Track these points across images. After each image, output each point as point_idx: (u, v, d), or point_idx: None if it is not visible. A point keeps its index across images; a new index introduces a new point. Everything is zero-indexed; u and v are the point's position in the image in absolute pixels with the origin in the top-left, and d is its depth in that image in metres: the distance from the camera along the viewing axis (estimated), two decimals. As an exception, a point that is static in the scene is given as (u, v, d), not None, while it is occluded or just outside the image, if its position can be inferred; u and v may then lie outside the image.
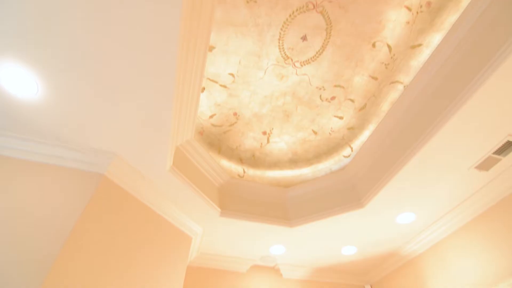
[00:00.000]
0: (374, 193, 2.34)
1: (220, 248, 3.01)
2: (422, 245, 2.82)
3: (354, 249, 3.02)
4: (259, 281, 3.16)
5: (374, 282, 3.45)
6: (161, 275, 2.07)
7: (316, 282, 3.37)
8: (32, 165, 1.82)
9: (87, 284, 1.58)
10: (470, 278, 2.32)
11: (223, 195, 2.73)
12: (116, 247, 1.82)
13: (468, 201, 2.38)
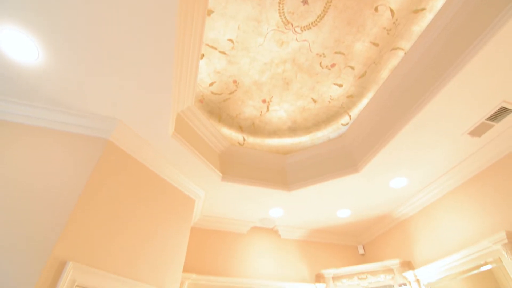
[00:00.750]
0: (369, 159, 2.44)
1: (222, 211, 3.18)
2: (413, 208, 2.99)
3: (348, 212, 3.19)
4: (259, 241, 3.38)
5: (366, 242, 3.68)
6: (168, 235, 2.23)
7: (312, 242, 3.60)
8: (38, 131, 1.88)
9: (99, 241, 1.72)
10: (455, 237, 2.50)
11: (224, 161, 2.83)
12: (124, 208, 1.95)
13: (459, 166, 2.49)
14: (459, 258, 2.35)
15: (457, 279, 2.40)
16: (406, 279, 2.78)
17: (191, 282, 2.71)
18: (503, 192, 2.18)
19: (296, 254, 3.41)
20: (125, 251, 1.84)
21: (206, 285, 2.77)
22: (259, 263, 3.19)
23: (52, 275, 1.41)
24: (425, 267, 2.63)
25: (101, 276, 1.61)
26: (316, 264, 3.38)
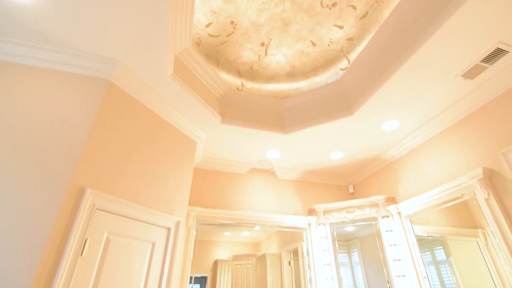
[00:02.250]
0: (363, 102, 2.52)
1: (222, 153, 3.38)
2: (401, 151, 3.18)
3: (341, 154, 3.40)
4: (257, 180, 3.66)
5: (356, 183, 3.98)
6: (173, 172, 2.43)
7: (306, 182, 3.89)
8: (40, 72, 1.93)
9: (112, 173, 1.90)
10: (437, 175, 2.72)
11: (223, 105, 2.91)
12: (131, 145, 2.10)
13: (448, 110, 2.59)
14: (437, 193, 2.60)
15: (433, 211, 2.68)
16: (389, 211, 3.10)
17: (196, 214, 3.02)
18: (485, 133, 2.32)
19: (291, 192, 3.72)
20: (136, 182, 2.04)
21: (210, 217, 3.10)
22: (257, 199, 3.50)
23: (73, 200, 1.61)
24: (407, 201, 2.92)
25: (117, 202, 1.83)
26: (309, 201, 3.72)
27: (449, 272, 2.46)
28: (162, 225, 2.15)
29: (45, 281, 1.40)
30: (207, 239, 3.13)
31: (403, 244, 2.91)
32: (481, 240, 2.24)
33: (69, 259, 1.49)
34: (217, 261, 3.10)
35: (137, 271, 1.88)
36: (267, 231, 3.44)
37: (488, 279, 2.15)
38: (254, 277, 3.15)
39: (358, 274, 3.12)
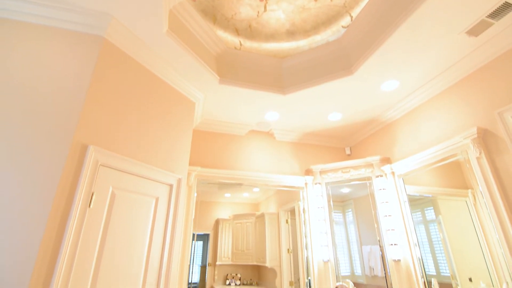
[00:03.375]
0: (363, 60, 2.48)
1: (221, 114, 3.39)
2: (399, 112, 3.19)
3: (339, 116, 3.42)
4: (256, 142, 3.73)
5: (353, 145, 4.05)
6: (172, 131, 2.46)
7: (304, 144, 3.96)
8: (34, 28, 1.87)
9: (112, 131, 1.93)
10: (433, 135, 2.77)
11: (220, 64, 2.86)
12: (130, 103, 2.11)
13: (449, 69, 2.55)
14: (431, 152, 2.67)
15: (426, 170, 2.78)
16: (383, 171, 3.21)
17: (197, 173, 3.13)
18: (483, 93, 2.32)
19: (289, 154, 3.81)
20: (136, 141, 2.09)
21: (210, 176, 3.21)
22: (256, 160, 3.60)
23: (77, 156, 1.67)
24: (401, 161, 3.01)
25: (119, 158, 1.90)
26: (306, 162, 3.82)
27: (437, 230, 2.62)
28: (164, 181, 2.25)
29: (56, 231, 1.50)
30: (208, 200, 3.27)
31: (394, 201, 3.06)
32: (470, 200, 2.34)
33: (78, 210, 1.58)
34: (218, 220, 3.27)
35: (143, 224, 2.01)
36: (266, 192, 3.58)
37: (473, 236, 2.30)
38: (253, 234, 3.35)
39: (351, 232, 3.32)
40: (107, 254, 1.72)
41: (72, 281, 1.51)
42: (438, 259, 2.59)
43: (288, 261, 3.33)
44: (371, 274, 3.01)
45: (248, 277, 3.19)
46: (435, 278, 2.58)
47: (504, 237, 2.03)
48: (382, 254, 2.95)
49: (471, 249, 2.30)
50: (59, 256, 1.47)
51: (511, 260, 1.97)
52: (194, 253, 2.92)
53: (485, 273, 2.19)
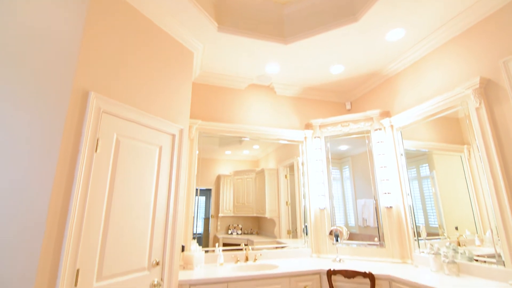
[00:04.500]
0: (369, 6, 2.35)
1: (220, 66, 3.30)
2: (403, 64, 3.12)
3: (342, 68, 3.34)
4: (256, 96, 3.69)
5: (354, 99, 4.03)
6: (171, 82, 2.42)
7: (305, 99, 3.94)
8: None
9: (112, 78, 1.91)
10: (435, 87, 2.74)
11: (219, 12, 2.70)
12: (126, 55, 2.05)
13: (457, 17, 2.44)
14: (432, 104, 2.67)
15: (425, 122, 2.80)
16: (382, 125, 3.24)
17: (198, 126, 3.15)
18: (489, 43, 2.25)
19: (289, 108, 3.80)
20: (136, 89, 2.07)
21: (211, 129, 3.24)
22: (256, 114, 3.60)
23: (79, 102, 1.66)
24: (400, 114, 3.02)
25: (121, 106, 1.90)
26: (306, 117, 3.83)
27: (430, 185, 2.72)
28: (167, 131, 2.28)
29: (66, 175, 1.56)
30: (210, 157, 3.34)
31: (391, 153, 3.15)
32: (464, 155, 2.40)
33: (85, 155, 1.63)
34: (219, 176, 3.37)
35: (149, 171, 2.09)
36: (266, 149, 3.65)
37: (464, 190, 2.40)
38: (253, 189, 3.48)
39: (347, 187, 3.45)
40: (116, 202, 1.81)
41: (85, 225, 1.61)
42: (428, 212, 2.74)
43: (286, 213, 3.52)
44: (364, 225, 3.20)
45: (248, 227, 3.39)
46: (423, 226, 2.76)
47: (494, 188, 2.12)
48: (375, 203, 3.12)
49: (460, 202, 2.43)
50: (71, 200, 1.54)
51: (498, 209, 2.08)
52: (198, 208, 3.08)
53: (471, 223, 2.33)
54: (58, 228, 1.48)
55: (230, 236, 3.19)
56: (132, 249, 1.88)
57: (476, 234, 2.29)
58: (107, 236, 1.72)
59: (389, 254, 2.91)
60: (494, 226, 2.12)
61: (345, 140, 3.52)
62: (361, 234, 3.18)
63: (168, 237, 2.16)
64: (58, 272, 1.44)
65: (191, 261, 2.59)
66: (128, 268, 1.84)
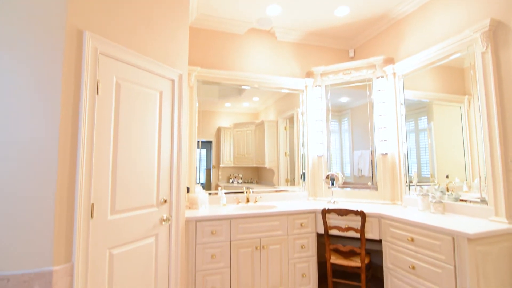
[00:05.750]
0: None
1: (218, 8, 3.11)
2: (412, 6, 2.94)
3: (347, 10, 3.15)
4: (256, 42, 3.55)
5: (358, 46, 3.88)
6: (168, 27, 2.31)
7: (306, 45, 3.79)
8: None
9: (106, 17, 1.82)
10: (443, 30, 2.63)
11: None
12: None
13: None
14: (437, 49, 2.59)
15: (428, 69, 2.75)
16: (385, 72, 3.19)
17: (197, 74, 3.09)
18: (510, -25, 2.10)
19: (290, 55, 3.69)
20: (132, 31, 1.99)
21: (210, 77, 3.19)
22: (256, 60, 3.50)
23: (75, 42, 1.61)
24: (404, 60, 2.95)
25: (117, 48, 1.84)
26: (308, 64, 3.73)
27: (426, 137, 2.79)
28: (166, 76, 2.25)
29: (71, 118, 1.58)
30: (209, 110, 3.34)
31: (391, 102, 3.15)
32: (464, 106, 2.41)
33: (87, 97, 1.64)
34: (220, 128, 3.41)
35: (151, 115, 2.11)
36: (265, 101, 3.63)
37: (459, 140, 2.46)
38: (253, 141, 3.55)
39: (345, 140, 3.52)
40: (121, 144, 1.87)
41: (95, 165, 1.69)
42: (421, 162, 2.86)
43: (285, 163, 3.65)
44: (359, 175, 3.35)
45: (248, 176, 3.54)
46: (415, 173, 2.90)
47: (489, 137, 2.16)
48: (371, 152, 3.22)
49: (454, 153, 2.51)
50: (79, 141, 1.59)
51: (489, 157, 2.16)
52: (199, 159, 3.19)
53: (462, 172, 2.44)
54: (70, 167, 1.56)
55: (231, 185, 3.36)
56: (141, 188, 2.00)
57: (464, 181, 2.42)
58: (116, 175, 1.82)
59: (380, 197, 3.11)
60: (483, 174, 2.22)
61: (345, 91, 3.49)
62: (356, 183, 3.35)
63: (173, 178, 2.28)
64: (74, 205, 1.56)
65: (196, 202, 2.78)
66: (138, 204, 1.99)
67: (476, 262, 1.81)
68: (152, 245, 2.09)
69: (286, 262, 2.71)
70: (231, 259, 2.53)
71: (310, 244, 2.80)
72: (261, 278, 2.62)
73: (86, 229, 1.62)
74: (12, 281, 1.40)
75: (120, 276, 1.83)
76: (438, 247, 1.98)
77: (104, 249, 1.74)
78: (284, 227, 2.72)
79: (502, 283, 1.91)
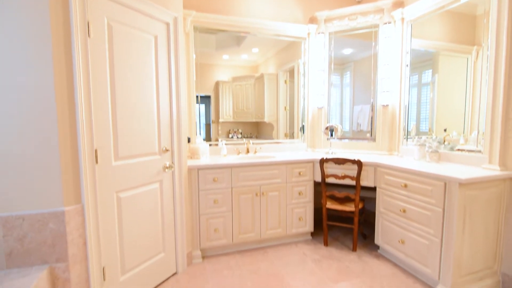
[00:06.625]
0: None
1: None
2: None
3: None
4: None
5: (366, -11, 3.58)
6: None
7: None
8: None
9: None
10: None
11: None
12: None
13: None
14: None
15: (438, 13, 2.58)
16: (393, 17, 2.99)
17: (192, 19, 2.90)
18: None
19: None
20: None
21: (206, 22, 2.99)
22: (256, 4, 3.25)
23: (60, -23, 1.48)
24: (414, 4, 2.75)
25: (107, -16, 1.70)
26: (311, 8, 3.46)
27: (429, 92, 2.74)
28: (160, 18, 2.11)
29: (65, 63, 1.52)
30: (207, 63, 3.21)
31: (397, 50, 3.02)
32: (472, 57, 2.32)
33: (79, 40, 1.55)
34: (218, 82, 3.31)
35: (147, 63, 2.03)
36: (265, 53, 3.47)
37: (462, 93, 2.41)
38: (252, 95, 3.48)
39: (346, 95, 3.46)
40: (118, 90, 1.82)
41: (94, 110, 1.67)
42: (421, 118, 2.86)
43: (284, 117, 3.63)
44: (357, 130, 3.35)
45: (248, 131, 3.55)
46: (414, 125, 2.91)
47: (493, 88, 2.10)
48: (372, 104, 3.19)
49: (455, 106, 2.49)
50: (75, 85, 1.56)
51: (491, 106, 2.13)
52: (199, 115, 3.15)
53: (460, 125, 2.45)
54: (69, 113, 1.55)
55: (231, 140, 3.39)
56: (142, 136, 2.02)
57: (462, 135, 2.45)
58: (116, 122, 1.82)
59: (378, 148, 3.17)
60: (482, 127, 2.22)
61: (349, 42, 3.32)
62: (354, 137, 3.38)
63: (174, 127, 2.29)
64: (78, 152, 1.59)
65: (197, 152, 2.83)
66: (141, 152, 2.03)
67: (464, 206, 1.92)
68: (157, 190, 2.19)
69: (284, 207, 2.87)
70: (233, 204, 2.67)
71: (307, 191, 2.93)
72: (261, 221, 2.80)
73: (92, 173, 1.67)
74: (27, 220, 1.49)
75: (129, 217, 1.95)
76: (430, 192, 2.08)
77: (111, 192, 1.82)
78: (283, 176, 2.82)
79: (486, 226, 2.05)
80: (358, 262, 2.58)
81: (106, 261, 1.80)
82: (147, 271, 2.12)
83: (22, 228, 1.49)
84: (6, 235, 1.47)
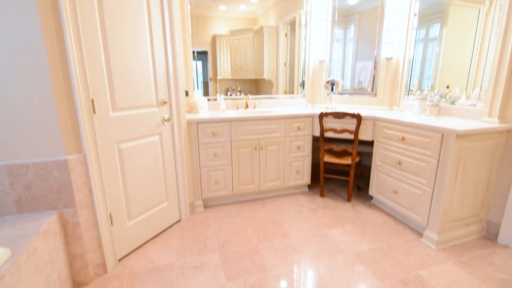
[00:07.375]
0: None
1: None
2: None
3: None
4: None
5: None
6: None
7: None
8: None
9: None
10: None
11: None
12: None
13: None
14: None
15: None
16: (405, -42, 2.74)
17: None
18: None
19: None
20: None
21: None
22: None
23: None
24: None
25: None
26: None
27: (435, 47, 2.63)
28: (151, -45, 1.93)
29: (53, 18, 1.42)
30: (203, 14, 2.99)
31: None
32: (484, 7, 2.18)
33: (63, -23, 1.43)
34: (215, 36, 3.13)
35: (139, 10, 1.90)
36: (265, 4, 3.22)
37: (469, 48, 2.31)
38: (251, 50, 3.31)
39: (348, 50, 3.31)
40: (111, 43, 1.74)
41: (87, 61, 1.60)
42: (424, 75, 2.77)
43: (284, 74, 3.52)
44: (359, 87, 3.27)
45: (247, 89, 3.46)
46: (416, 80, 2.83)
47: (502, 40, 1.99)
48: (375, 60, 3.07)
49: (461, 63, 2.40)
50: (66, 42, 1.47)
51: (497, 59, 2.03)
52: (196, 72, 3.03)
53: (464, 82, 2.38)
54: (62, 64, 1.49)
55: (230, 97, 3.32)
56: (139, 87, 1.98)
57: (464, 92, 2.40)
58: (110, 71, 1.77)
59: (378, 102, 3.13)
60: (485, 85, 2.17)
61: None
62: (355, 94, 3.32)
63: (171, 79, 2.23)
64: (75, 101, 1.57)
65: (195, 106, 2.80)
66: (138, 103, 2.00)
67: (459, 156, 1.96)
68: (157, 142, 2.21)
69: (283, 160, 2.93)
70: (232, 157, 2.72)
71: (306, 145, 2.97)
72: (260, 174, 2.88)
73: (91, 123, 1.67)
74: (31, 168, 1.52)
75: (131, 167, 2.00)
76: (427, 144, 2.11)
77: (112, 143, 1.84)
78: (282, 130, 2.83)
79: (478, 176, 2.11)
80: (352, 211, 2.73)
81: (112, 208, 1.89)
82: (152, 218, 2.23)
83: (27, 176, 1.52)
84: (13, 183, 1.51)
